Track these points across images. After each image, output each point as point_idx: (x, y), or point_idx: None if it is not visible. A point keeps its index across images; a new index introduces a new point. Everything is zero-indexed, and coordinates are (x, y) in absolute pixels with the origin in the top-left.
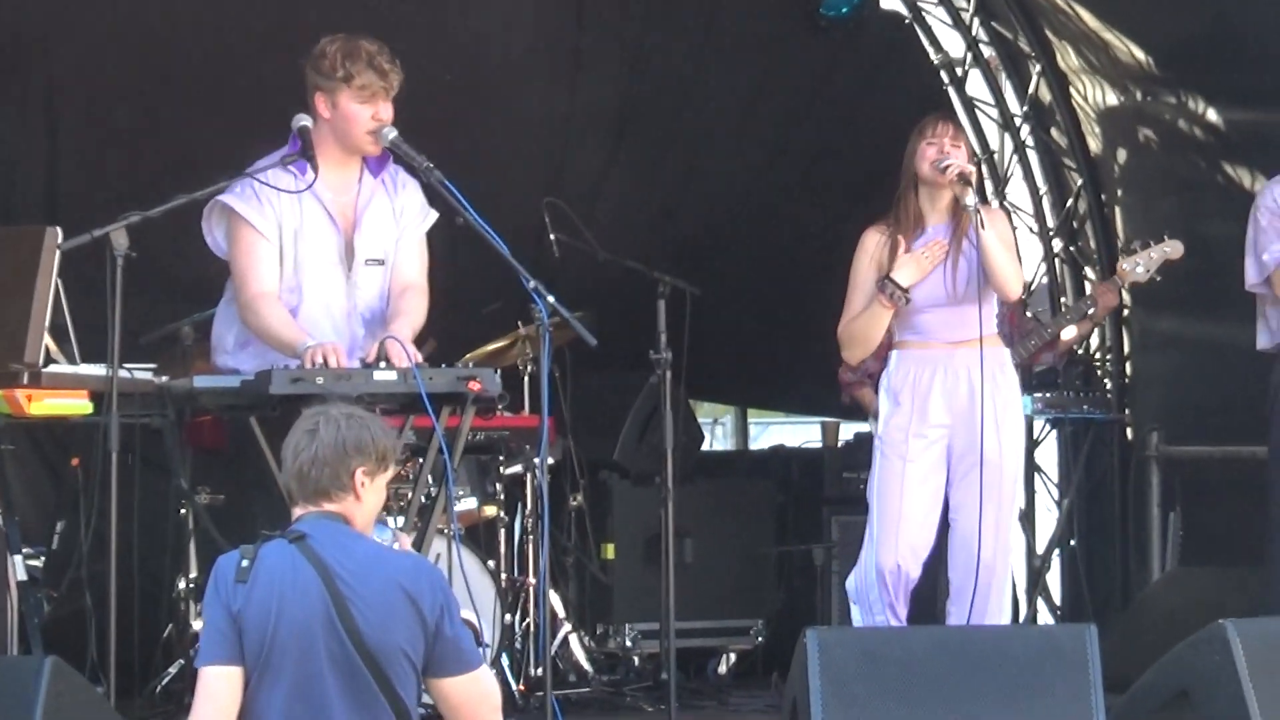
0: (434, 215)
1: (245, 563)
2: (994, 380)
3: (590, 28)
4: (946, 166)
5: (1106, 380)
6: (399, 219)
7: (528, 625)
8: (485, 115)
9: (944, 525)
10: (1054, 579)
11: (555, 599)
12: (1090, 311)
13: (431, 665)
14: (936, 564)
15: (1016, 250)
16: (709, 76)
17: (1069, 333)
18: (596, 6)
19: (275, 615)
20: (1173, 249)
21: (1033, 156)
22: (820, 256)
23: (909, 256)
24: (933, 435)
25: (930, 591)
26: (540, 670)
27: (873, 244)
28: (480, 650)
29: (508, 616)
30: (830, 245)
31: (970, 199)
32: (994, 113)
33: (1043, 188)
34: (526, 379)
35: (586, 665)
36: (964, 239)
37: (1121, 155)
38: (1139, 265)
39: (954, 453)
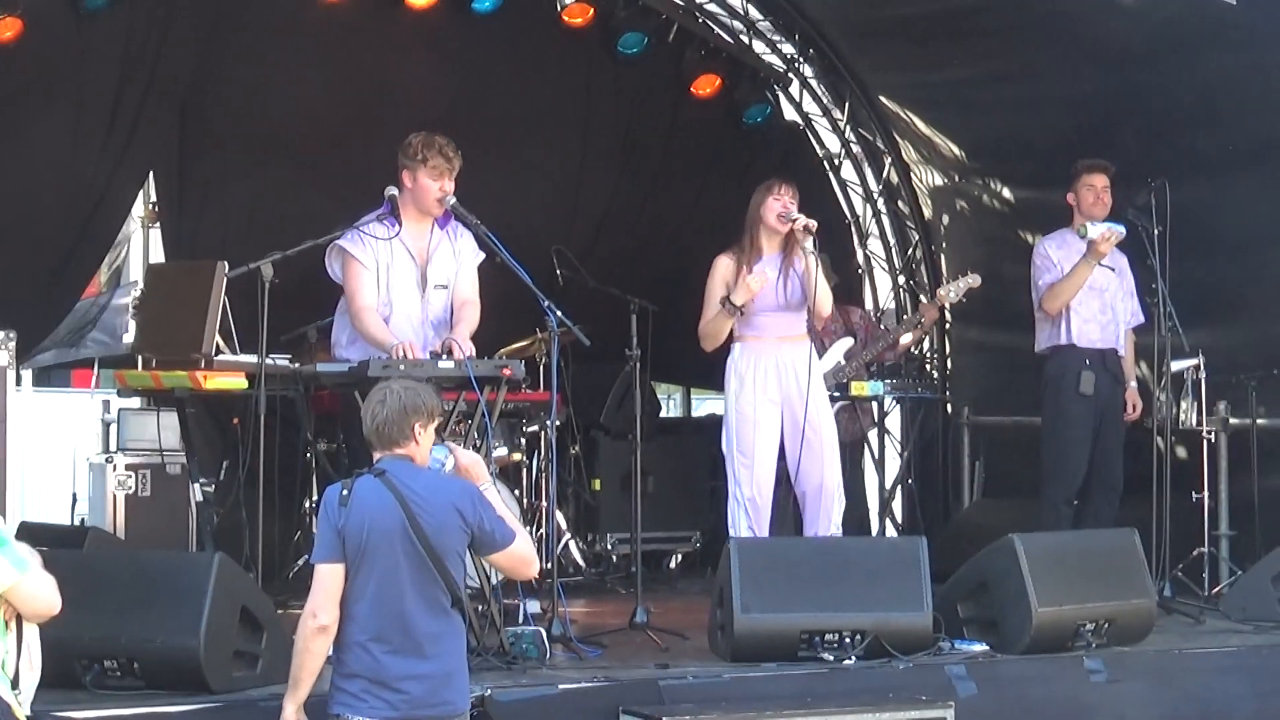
0: (482, 255)
1: (345, 492)
2: (806, 365)
3: (593, 123)
4: (795, 219)
5: (934, 372)
6: (458, 258)
7: (541, 534)
8: (517, 182)
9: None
10: (897, 506)
11: (560, 516)
12: (920, 322)
13: (479, 549)
14: (787, 493)
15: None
16: (673, 165)
17: (906, 338)
18: (599, 118)
19: (367, 527)
20: (974, 280)
21: (886, 220)
22: None
23: (741, 284)
24: (772, 405)
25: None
26: (549, 564)
27: (723, 267)
28: (511, 531)
29: (528, 528)
30: None
31: (810, 245)
32: (860, 190)
33: (892, 241)
34: (541, 367)
35: (581, 561)
36: (790, 266)
37: (945, 219)
38: (951, 291)
39: (785, 417)
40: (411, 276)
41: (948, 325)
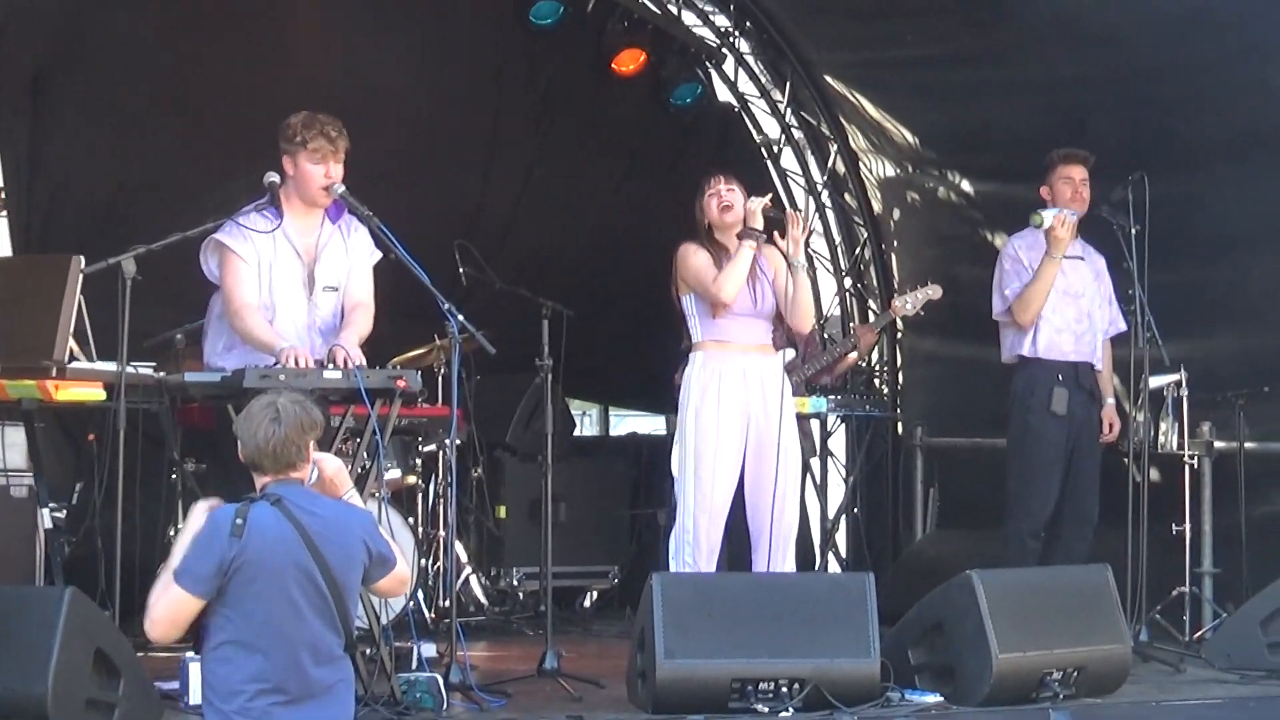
0: (379, 255)
1: (240, 521)
2: (778, 381)
3: (505, 112)
4: (750, 205)
5: (884, 387)
6: (350, 255)
7: (438, 568)
8: (416, 168)
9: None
10: (841, 537)
11: (459, 548)
12: (855, 345)
13: (368, 578)
14: (740, 522)
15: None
16: (592, 150)
17: (851, 357)
18: (510, 98)
19: (265, 559)
20: (934, 291)
21: (830, 215)
22: (665, 294)
23: (753, 206)
24: (736, 422)
25: (736, 544)
26: (447, 602)
27: (696, 251)
28: (393, 551)
29: (423, 561)
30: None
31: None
32: (801, 181)
33: (837, 239)
34: (440, 378)
35: (483, 599)
36: (757, 267)
37: (896, 214)
38: (908, 303)
39: (750, 436)
40: (297, 276)
41: (899, 335)
